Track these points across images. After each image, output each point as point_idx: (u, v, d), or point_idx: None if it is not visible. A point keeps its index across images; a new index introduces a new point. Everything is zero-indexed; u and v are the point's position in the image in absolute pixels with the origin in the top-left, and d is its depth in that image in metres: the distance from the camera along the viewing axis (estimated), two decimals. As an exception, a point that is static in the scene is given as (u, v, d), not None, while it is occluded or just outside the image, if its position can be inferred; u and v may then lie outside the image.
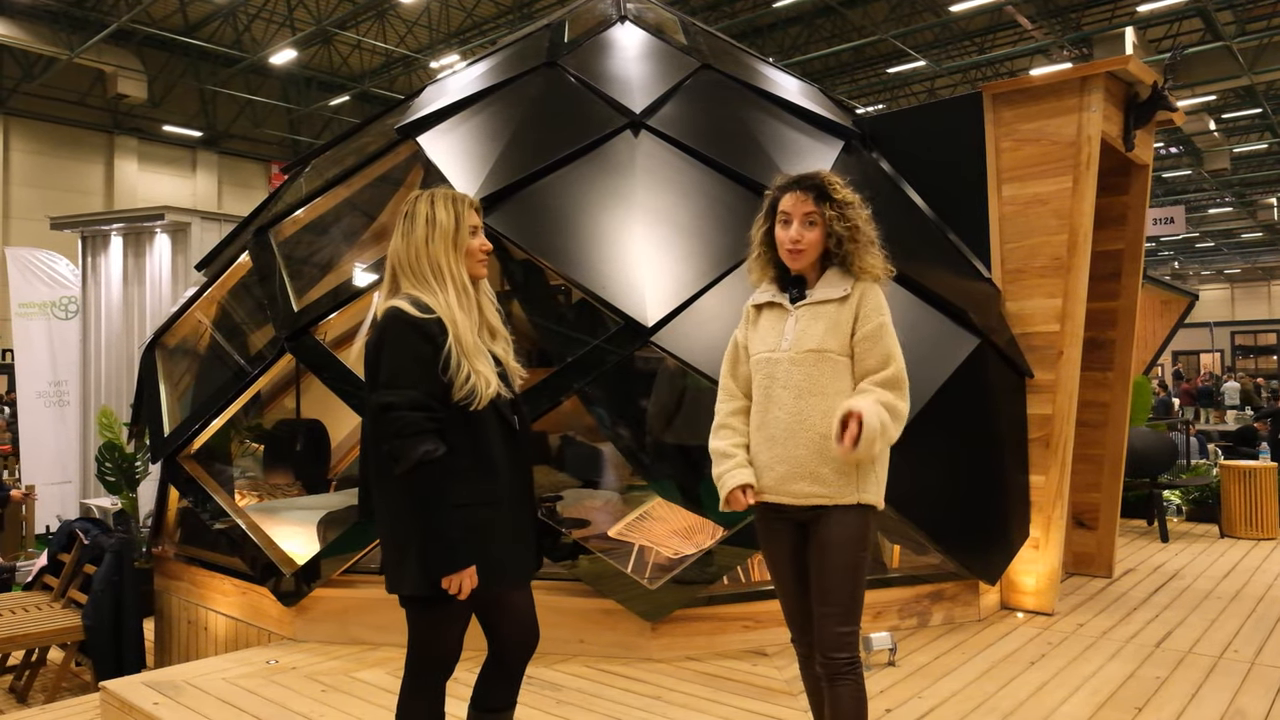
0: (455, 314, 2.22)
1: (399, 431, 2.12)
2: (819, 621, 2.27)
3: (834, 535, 2.27)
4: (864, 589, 2.34)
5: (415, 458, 2.10)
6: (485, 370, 2.22)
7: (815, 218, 2.33)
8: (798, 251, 2.35)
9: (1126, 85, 4.74)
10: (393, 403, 2.14)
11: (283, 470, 6.42)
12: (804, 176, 2.39)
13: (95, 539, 5.22)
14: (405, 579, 2.21)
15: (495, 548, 2.22)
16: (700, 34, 5.84)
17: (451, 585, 2.14)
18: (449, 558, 2.14)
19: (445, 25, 20.40)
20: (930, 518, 4.09)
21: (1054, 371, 4.52)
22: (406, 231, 2.31)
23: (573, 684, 3.56)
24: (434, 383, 2.17)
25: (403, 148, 5.08)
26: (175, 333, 5.70)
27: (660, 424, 4.98)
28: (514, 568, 2.30)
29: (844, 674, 2.24)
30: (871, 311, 2.31)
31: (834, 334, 2.31)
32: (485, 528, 2.20)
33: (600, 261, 4.21)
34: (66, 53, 18.96)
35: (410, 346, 2.18)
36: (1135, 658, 3.82)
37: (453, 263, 2.28)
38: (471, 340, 2.22)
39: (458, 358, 2.18)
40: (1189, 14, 17.31)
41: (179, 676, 3.72)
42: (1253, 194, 30.90)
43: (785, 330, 2.37)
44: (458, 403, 2.19)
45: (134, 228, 8.53)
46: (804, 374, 2.29)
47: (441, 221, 2.28)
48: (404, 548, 2.20)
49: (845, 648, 2.25)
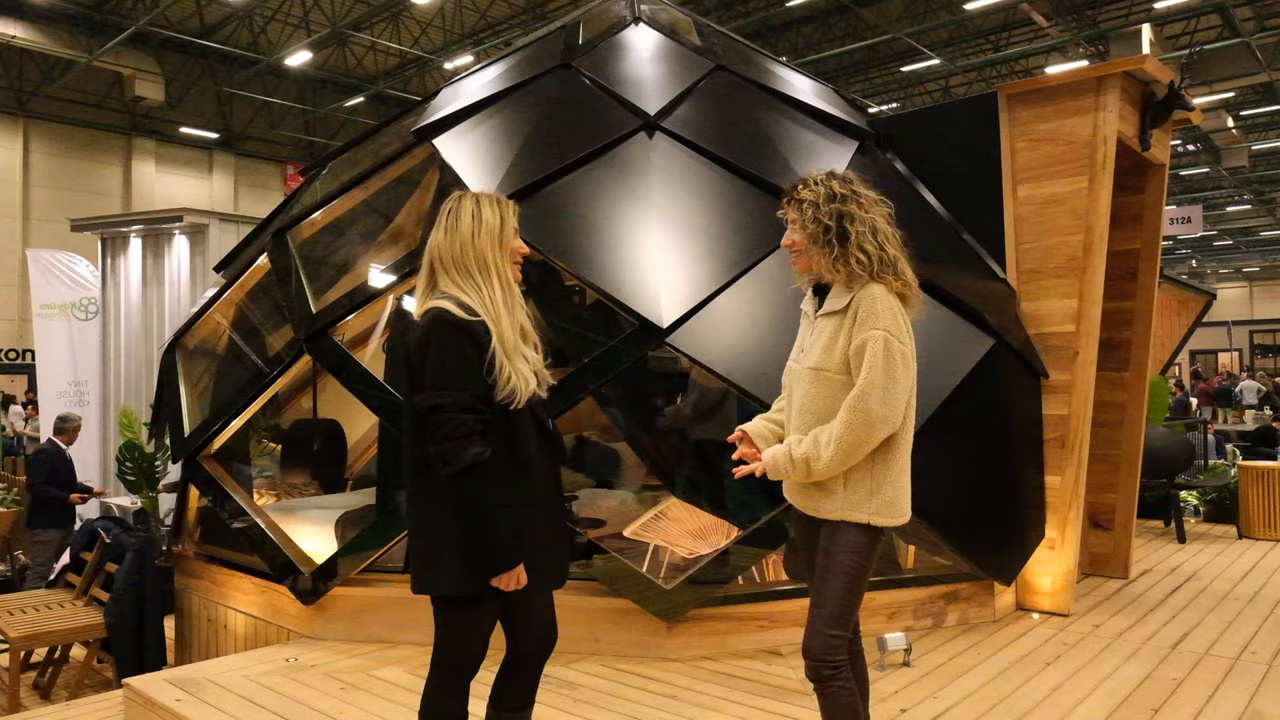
0: (500, 310, 2.25)
1: (450, 434, 2.13)
2: (809, 622, 2.29)
3: (833, 543, 2.30)
4: (859, 598, 2.32)
5: (467, 460, 2.12)
6: (525, 369, 2.24)
7: (795, 223, 2.37)
8: (793, 258, 2.41)
9: (1143, 84, 4.72)
10: (442, 404, 2.15)
11: (300, 470, 6.47)
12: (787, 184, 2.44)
13: (117, 538, 5.29)
14: (440, 579, 2.23)
15: (534, 548, 2.25)
16: (714, 35, 5.84)
17: (503, 583, 2.17)
18: (499, 557, 2.16)
19: (459, 26, 20.47)
20: (945, 518, 4.09)
21: (1070, 372, 4.51)
22: (450, 228, 2.31)
23: (589, 683, 3.59)
24: (480, 385, 2.19)
25: (419, 150, 5.12)
26: (195, 334, 5.76)
27: (676, 424, 5.00)
28: (554, 567, 2.34)
29: (829, 680, 2.25)
30: (862, 324, 2.24)
31: (831, 352, 2.29)
32: (525, 528, 2.23)
33: (615, 262, 4.22)
34: (85, 56, 19.15)
35: (457, 348, 2.19)
36: (1152, 659, 3.81)
37: (499, 259, 2.30)
38: (512, 340, 2.25)
39: (500, 359, 2.20)
40: (1207, 10, 17.16)
41: (200, 674, 3.77)
42: (1271, 191, 30.61)
43: (804, 341, 2.43)
44: (499, 403, 2.21)
45: (153, 229, 8.62)
46: (803, 390, 2.33)
47: (488, 219, 2.31)
48: (438, 548, 2.22)
49: (830, 652, 2.25)
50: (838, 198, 2.29)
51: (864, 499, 2.27)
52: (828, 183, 2.33)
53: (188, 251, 8.43)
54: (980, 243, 4.80)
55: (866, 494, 2.28)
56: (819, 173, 2.39)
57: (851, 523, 2.27)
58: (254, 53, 20.72)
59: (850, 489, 2.27)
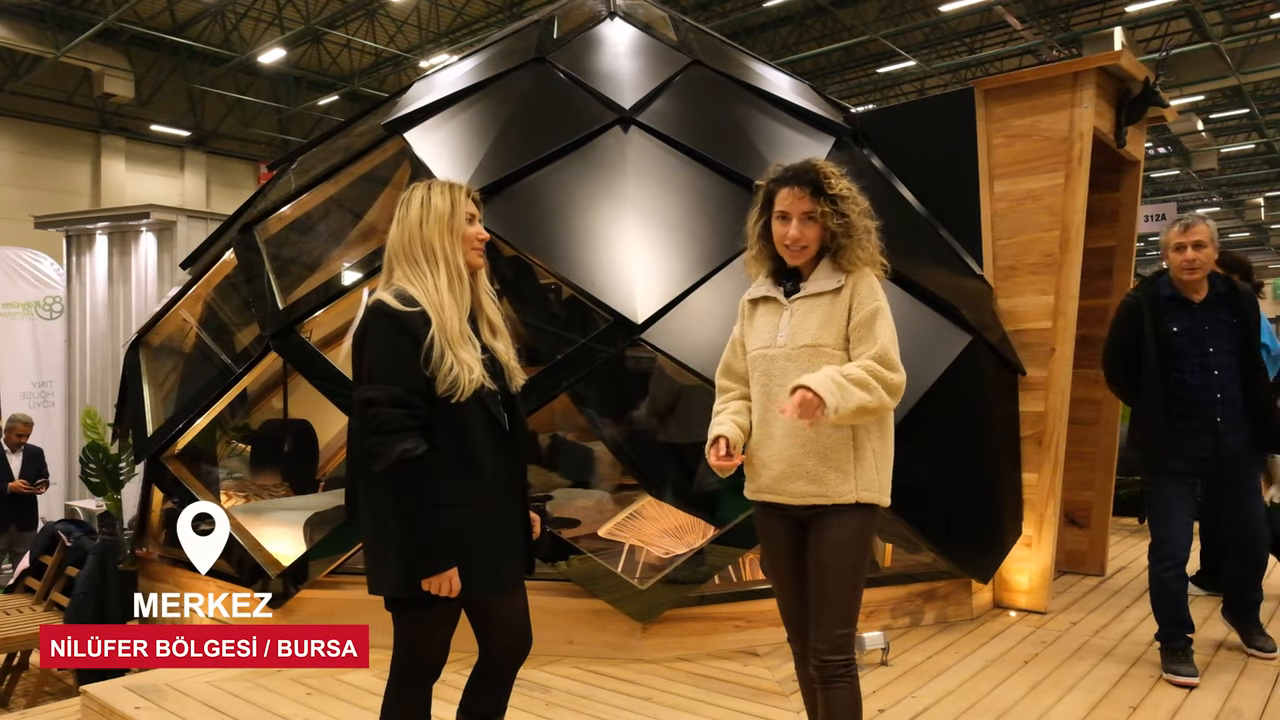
0: (444, 298, 2.16)
1: (378, 428, 2.07)
2: (815, 622, 2.21)
3: (833, 535, 2.21)
4: (862, 590, 2.28)
5: (395, 455, 2.04)
6: (468, 359, 2.14)
7: (814, 214, 2.25)
8: (799, 251, 2.29)
9: (1118, 81, 4.72)
10: (372, 398, 2.09)
11: (271, 471, 6.36)
12: (800, 170, 2.29)
13: (78, 541, 5.16)
14: (386, 580, 2.15)
15: (480, 550, 2.16)
16: (690, 30, 5.79)
17: (433, 587, 2.08)
18: (429, 559, 2.08)
19: (435, 25, 20.30)
20: (922, 516, 4.06)
21: (1046, 368, 4.50)
22: (401, 218, 2.25)
23: (562, 685, 3.51)
24: (416, 378, 2.11)
25: (390, 144, 5.03)
26: (159, 331, 5.63)
27: (651, 422, 4.94)
28: (502, 571, 2.23)
29: (839, 677, 2.18)
30: (865, 299, 2.24)
31: (828, 327, 2.24)
32: (467, 529, 2.14)
33: (590, 258, 4.16)
34: (52, 51, 18.78)
35: (390, 341, 2.12)
36: (1129, 656, 3.79)
37: (447, 246, 2.21)
38: (457, 329, 2.15)
39: (440, 347, 2.11)
40: (1177, 14, 17.36)
41: (161, 680, 3.65)
42: (1240, 194, 31.05)
43: (780, 325, 2.31)
44: (442, 395, 2.12)
45: (119, 226, 8.46)
46: (799, 370, 2.20)
47: (437, 205, 2.23)
48: (385, 547, 2.15)
49: (842, 650, 2.19)
50: (857, 192, 2.30)
51: (873, 477, 2.23)
52: (840, 173, 2.29)
53: (155, 249, 8.28)
54: (957, 239, 4.78)
55: (874, 471, 2.23)
56: (826, 163, 2.31)
57: (857, 505, 2.20)
58: (226, 50, 20.44)
59: (860, 468, 2.21)
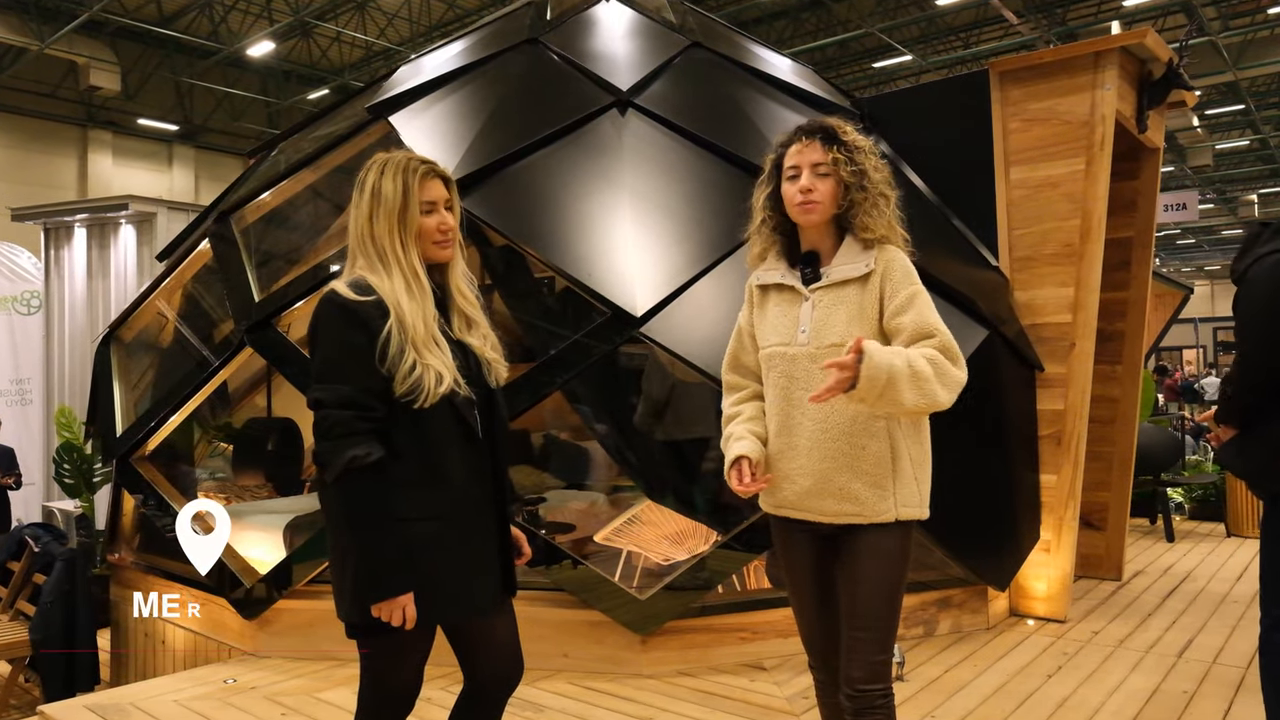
0: (401, 302, 1.87)
1: (325, 433, 1.81)
2: (850, 647, 1.96)
3: (869, 554, 1.97)
4: (900, 611, 2.04)
5: (343, 463, 1.78)
6: (436, 363, 1.86)
7: (827, 166, 1.99)
8: (810, 204, 2.00)
9: (1141, 62, 4.50)
10: (320, 399, 1.83)
11: (253, 471, 6.13)
12: (809, 123, 2.08)
13: (46, 546, 4.90)
14: (341, 604, 1.90)
15: (444, 570, 1.89)
16: (689, 12, 5.56)
17: (383, 614, 1.82)
18: (378, 582, 1.81)
19: (426, 18, 20.01)
20: (936, 520, 3.82)
21: (1066, 365, 4.28)
22: (355, 204, 1.96)
23: (556, 704, 3.28)
24: (369, 376, 1.83)
25: (374, 128, 4.77)
26: (132, 326, 5.37)
27: (650, 421, 4.70)
28: (472, 592, 1.95)
29: (877, 708, 1.93)
30: (900, 282, 1.97)
31: (860, 322, 1.97)
32: (428, 546, 1.87)
33: (585, 247, 3.93)
34: (37, 44, 18.42)
35: (340, 335, 1.86)
36: (1158, 669, 3.58)
37: (398, 245, 1.90)
38: (422, 329, 1.87)
39: (399, 344, 1.84)
40: (1173, 9, 17.20)
41: (126, 698, 3.42)
42: (1234, 190, 30.95)
43: (801, 318, 2.03)
44: (401, 398, 1.84)
45: (98, 218, 8.18)
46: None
47: (386, 195, 1.91)
48: (342, 568, 1.89)
49: (880, 678, 1.94)
50: (872, 149, 2.05)
51: (913, 490, 2.02)
52: (856, 128, 2.05)
53: (135, 241, 8.00)
54: (971, 228, 4.55)
55: (913, 484, 2.02)
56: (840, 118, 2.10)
57: (897, 523, 1.98)
58: (215, 42, 20.12)
59: (899, 481, 1.99)
